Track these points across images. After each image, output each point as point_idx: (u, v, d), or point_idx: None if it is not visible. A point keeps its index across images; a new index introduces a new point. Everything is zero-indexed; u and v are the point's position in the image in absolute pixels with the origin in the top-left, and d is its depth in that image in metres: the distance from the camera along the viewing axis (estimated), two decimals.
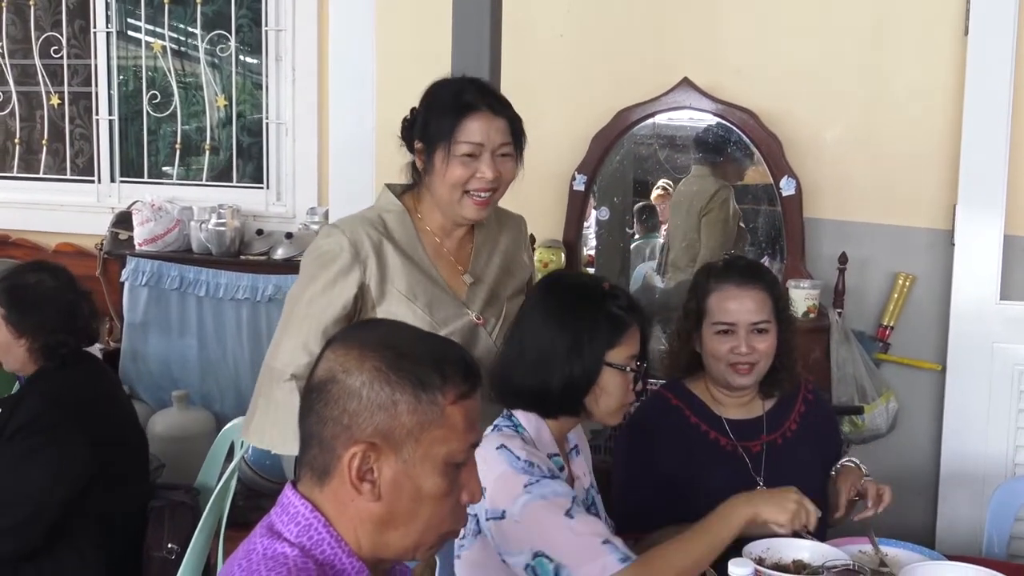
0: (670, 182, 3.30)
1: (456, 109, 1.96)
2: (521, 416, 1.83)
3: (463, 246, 2.11)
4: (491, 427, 1.84)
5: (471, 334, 2.05)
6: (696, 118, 3.13)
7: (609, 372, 1.79)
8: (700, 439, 2.14)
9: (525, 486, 1.69)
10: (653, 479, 2.10)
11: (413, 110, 2.08)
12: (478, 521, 1.74)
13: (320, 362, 1.23)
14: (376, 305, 2.01)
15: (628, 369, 1.80)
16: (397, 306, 2.00)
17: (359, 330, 1.28)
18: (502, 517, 1.70)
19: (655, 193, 3.33)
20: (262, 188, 4.30)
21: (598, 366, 1.78)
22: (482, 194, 1.99)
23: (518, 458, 1.72)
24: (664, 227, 3.36)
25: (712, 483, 2.10)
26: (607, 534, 1.69)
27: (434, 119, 1.99)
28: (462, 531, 1.74)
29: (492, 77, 2.64)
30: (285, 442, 1.96)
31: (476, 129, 1.96)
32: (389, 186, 2.13)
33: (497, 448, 1.74)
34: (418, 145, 2.02)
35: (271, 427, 2.01)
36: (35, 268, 2.45)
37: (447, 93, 2.01)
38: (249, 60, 4.34)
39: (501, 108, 2.00)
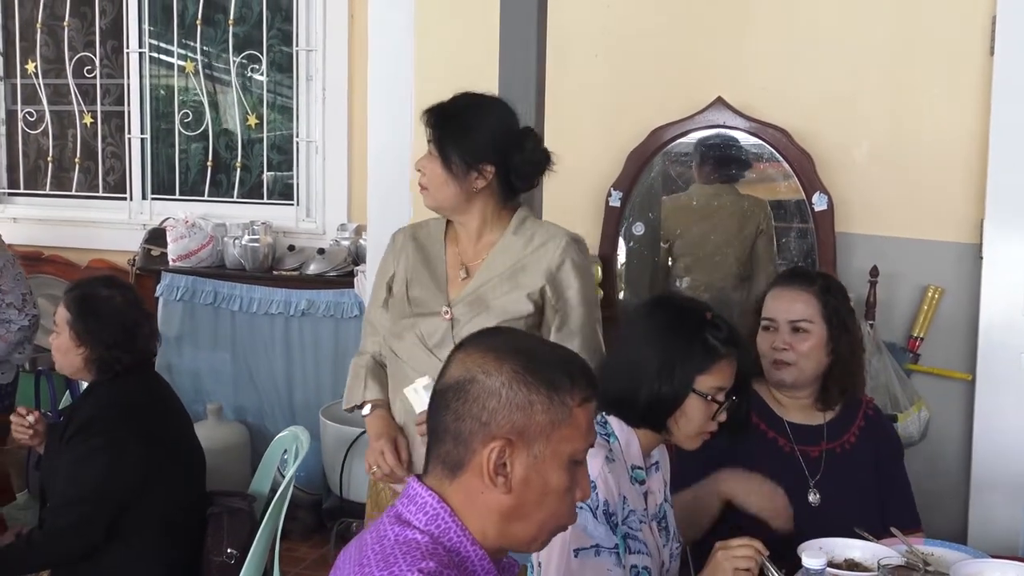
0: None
1: None
2: (615, 424, 1.87)
3: (479, 253, 2.27)
4: None
5: (433, 325, 2.23)
6: (730, 136, 3.20)
7: (694, 398, 1.83)
8: (759, 438, 2.21)
9: None
10: (707, 471, 2.13)
11: None
12: None
13: (452, 363, 1.32)
14: (393, 287, 2.32)
15: (711, 399, 1.84)
16: (398, 287, 2.30)
17: (487, 337, 1.37)
18: None
19: None
20: (292, 205, 4.37)
21: (685, 390, 1.82)
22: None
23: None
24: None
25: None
26: None
27: None
28: None
29: (537, 95, 2.71)
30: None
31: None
32: None
33: None
34: None
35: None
36: (108, 284, 2.53)
37: None
38: (279, 80, 4.42)
39: (430, 117, 2.24)
